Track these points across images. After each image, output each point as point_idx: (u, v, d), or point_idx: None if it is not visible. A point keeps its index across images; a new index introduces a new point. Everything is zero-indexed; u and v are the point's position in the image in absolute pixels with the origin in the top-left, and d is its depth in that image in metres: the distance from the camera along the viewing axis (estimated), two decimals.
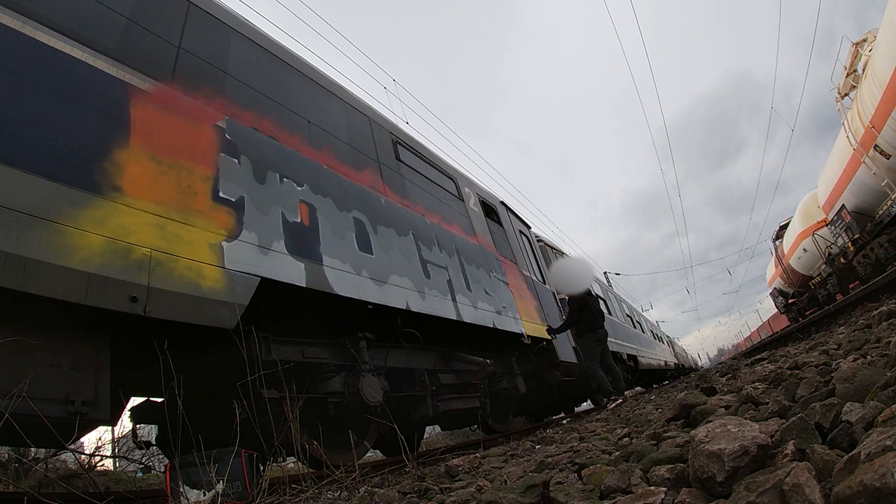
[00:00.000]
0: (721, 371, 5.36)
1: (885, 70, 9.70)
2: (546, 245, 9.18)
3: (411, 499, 1.58)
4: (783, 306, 24.17)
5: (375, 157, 4.41)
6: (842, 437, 0.99)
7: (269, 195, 2.93)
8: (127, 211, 2.11)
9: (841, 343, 2.89)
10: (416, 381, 4.15)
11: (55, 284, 1.77)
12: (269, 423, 2.10)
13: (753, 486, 0.82)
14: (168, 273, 2.15)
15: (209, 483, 1.70)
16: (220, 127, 2.83)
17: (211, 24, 3.17)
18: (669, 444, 1.36)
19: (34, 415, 1.54)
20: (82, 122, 2.12)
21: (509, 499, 1.13)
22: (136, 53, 2.53)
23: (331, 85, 4.31)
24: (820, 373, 1.81)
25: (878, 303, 6.13)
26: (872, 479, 0.66)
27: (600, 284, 12.80)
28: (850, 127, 12.29)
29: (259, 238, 2.70)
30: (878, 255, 11.77)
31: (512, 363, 5.57)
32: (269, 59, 3.62)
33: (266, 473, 1.93)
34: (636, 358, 11.78)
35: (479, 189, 6.77)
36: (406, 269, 3.92)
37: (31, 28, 2.07)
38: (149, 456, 4.88)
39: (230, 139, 2.86)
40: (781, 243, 22.04)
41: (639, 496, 1.01)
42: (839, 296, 13.84)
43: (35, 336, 1.74)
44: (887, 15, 9.40)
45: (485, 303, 4.92)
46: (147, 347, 2.00)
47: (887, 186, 11.22)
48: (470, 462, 2.16)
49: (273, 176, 3.04)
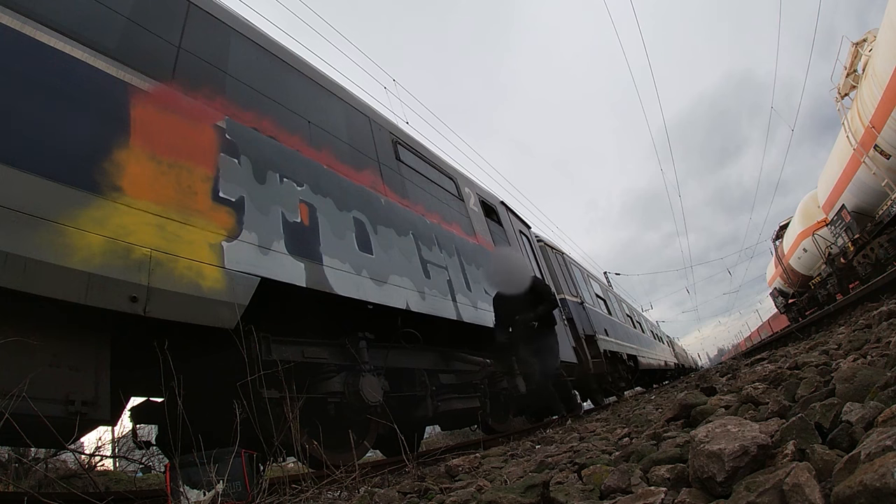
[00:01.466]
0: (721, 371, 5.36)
1: (885, 70, 9.70)
2: (546, 245, 9.17)
3: (411, 499, 1.58)
4: (783, 306, 24.16)
5: (375, 157, 4.41)
6: (842, 437, 0.99)
7: (269, 195, 2.93)
8: (127, 211, 2.11)
9: (841, 343, 2.88)
10: (416, 381, 4.15)
11: (55, 284, 1.77)
12: (269, 423, 2.10)
13: (753, 486, 0.82)
14: (168, 273, 2.15)
15: (209, 483, 1.70)
16: (220, 127, 2.83)
17: (211, 24, 3.17)
18: (669, 444, 1.36)
19: (34, 415, 1.54)
20: (82, 122, 2.12)
21: (509, 499, 1.12)
22: (136, 53, 2.52)
23: (331, 85, 4.31)
24: (820, 373, 1.81)
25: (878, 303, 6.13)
26: (872, 479, 0.66)
27: (600, 284, 12.80)
28: (850, 127, 12.29)
29: (259, 238, 2.70)
30: (878, 255, 11.76)
31: (512, 363, 5.57)
32: (269, 59, 3.62)
33: (266, 473, 1.92)
34: (636, 358, 11.77)
35: (479, 189, 6.77)
36: (406, 269, 3.92)
37: (31, 28, 2.07)
38: (149, 456, 4.89)
39: (230, 139, 2.86)
40: (781, 243, 22.04)
41: (639, 496, 1.01)
42: (839, 296, 13.84)
43: (35, 336, 1.74)
44: (887, 15, 9.39)
45: (485, 303, 4.92)
46: (147, 347, 2.00)
47: (887, 186, 11.22)
48: (470, 462, 2.16)
49: (273, 176, 3.04)
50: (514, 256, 5.98)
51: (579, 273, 10.51)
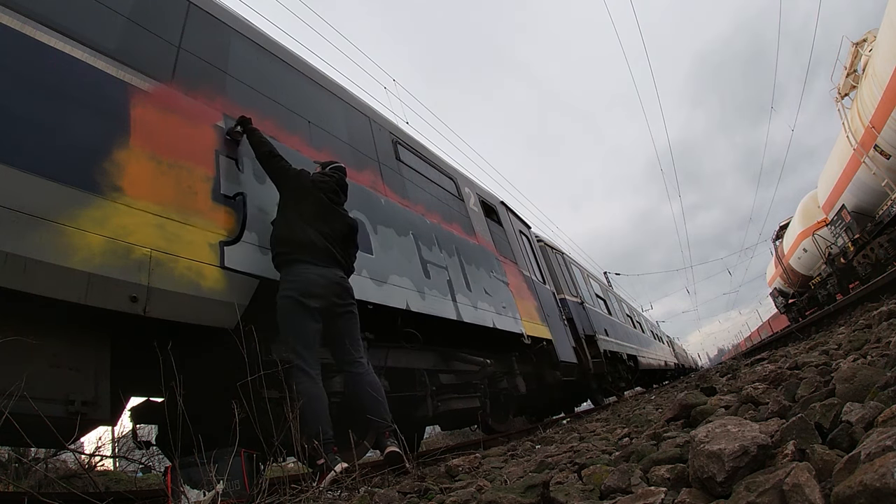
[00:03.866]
0: (721, 371, 5.36)
1: (885, 70, 9.70)
2: (546, 245, 9.18)
3: (411, 499, 1.58)
4: (783, 306, 24.16)
5: (375, 157, 4.41)
6: (842, 437, 0.99)
7: (270, 195, 2.93)
8: (127, 211, 2.11)
9: (841, 343, 2.89)
10: (417, 381, 4.15)
11: (55, 284, 1.77)
12: (269, 423, 2.10)
13: (753, 486, 0.82)
14: (168, 273, 2.15)
15: (209, 483, 1.70)
16: (220, 127, 2.84)
17: (211, 24, 3.17)
18: (669, 444, 1.36)
19: (34, 414, 1.54)
20: (82, 122, 2.12)
21: (509, 499, 1.12)
22: (136, 53, 2.52)
23: (331, 85, 4.31)
24: (820, 373, 1.81)
25: (878, 303, 6.13)
26: (872, 479, 0.66)
27: (600, 284, 12.80)
28: (850, 127, 12.29)
29: (259, 238, 2.70)
30: (878, 255, 11.77)
31: (512, 363, 5.57)
32: (270, 59, 3.62)
33: (266, 473, 1.92)
34: (636, 358, 11.77)
35: (479, 189, 6.77)
36: (406, 269, 3.92)
37: (31, 28, 2.07)
38: (149, 456, 4.88)
39: (230, 139, 2.86)
40: (781, 243, 22.04)
41: (639, 496, 1.01)
42: (839, 296, 13.84)
43: (35, 336, 1.74)
44: (887, 15, 9.40)
45: (485, 303, 4.92)
46: (147, 347, 2.00)
47: (887, 186, 11.22)
48: (470, 462, 2.16)
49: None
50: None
51: (579, 273, 10.52)
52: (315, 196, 2.74)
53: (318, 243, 2.60)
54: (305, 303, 2.46)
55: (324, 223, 2.69)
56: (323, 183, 2.84)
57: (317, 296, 2.50)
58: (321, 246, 2.61)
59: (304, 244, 2.57)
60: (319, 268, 2.56)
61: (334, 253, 2.68)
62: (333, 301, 2.58)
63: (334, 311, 2.59)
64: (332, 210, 2.80)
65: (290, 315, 2.47)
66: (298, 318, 2.46)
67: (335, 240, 2.71)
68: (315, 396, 2.34)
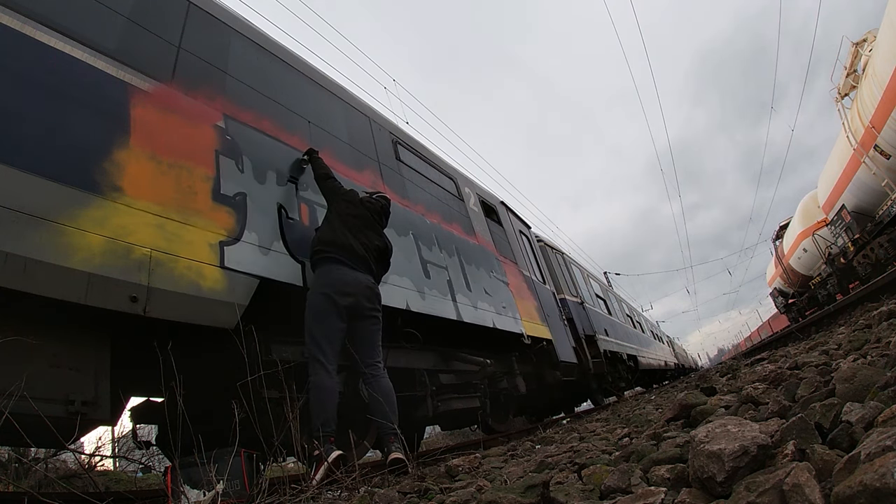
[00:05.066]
0: (721, 371, 5.36)
1: (885, 70, 9.70)
2: (546, 245, 9.17)
3: (411, 499, 1.58)
4: (783, 306, 24.16)
5: (375, 157, 4.41)
6: (842, 437, 0.99)
7: (270, 195, 2.93)
8: (127, 211, 2.11)
9: (841, 343, 2.89)
10: (417, 381, 4.15)
11: (55, 284, 1.77)
12: (269, 423, 2.10)
13: (753, 486, 0.82)
14: (168, 273, 2.15)
15: (209, 483, 1.70)
16: (220, 127, 2.84)
17: (211, 23, 3.17)
18: (669, 444, 1.36)
19: (34, 414, 1.54)
20: (82, 122, 2.12)
21: (509, 499, 1.12)
22: (136, 53, 2.52)
23: (331, 85, 4.31)
24: (820, 373, 1.81)
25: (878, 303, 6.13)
26: (872, 479, 0.66)
27: (600, 284, 12.80)
28: (850, 127, 12.29)
29: (259, 238, 2.70)
30: (878, 255, 11.77)
31: (512, 363, 5.57)
32: (270, 59, 3.62)
33: (266, 473, 1.93)
34: (636, 358, 11.78)
35: (480, 189, 6.77)
36: (406, 269, 3.92)
37: (31, 28, 2.07)
38: (149, 456, 4.88)
39: (230, 139, 2.86)
40: (781, 243, 22.05)
41: (639, 496, 1.01)
42: (839, 296, 13.85)
43: (35, 336, 1.74)
44: (887, 15, 9.40)
45: (485, 303, 4.92)
46: (147, 347, 2.00)
47: (887, 186, 11.22)
48: (470, 462, 2.16)
49: (273, 176, 3.04)
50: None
51: (579, 273, 10.52)
52: (361, 211, 3.02)
53: (358, 250, 2.80)
54: (336, 300, 2.60)
55: (364, 236, 2.92)
56: (370, 203, 3.15)
57: (348, 294, 2.65)
58: (360, 253, 2.81)
59: (345, 247, 2.77)
60: (354, 271, 2.75)
61: (369, 262, 2.86)
62: (363, 303, 2.71)
63: (362, 312, 2.71)
64: (374, 227, 3.06)
65: (320, 310, 2.59)
66: (327, 314, 2.58)
67: (371, 252, 2.91)
68: (327, 388, 2.45)
